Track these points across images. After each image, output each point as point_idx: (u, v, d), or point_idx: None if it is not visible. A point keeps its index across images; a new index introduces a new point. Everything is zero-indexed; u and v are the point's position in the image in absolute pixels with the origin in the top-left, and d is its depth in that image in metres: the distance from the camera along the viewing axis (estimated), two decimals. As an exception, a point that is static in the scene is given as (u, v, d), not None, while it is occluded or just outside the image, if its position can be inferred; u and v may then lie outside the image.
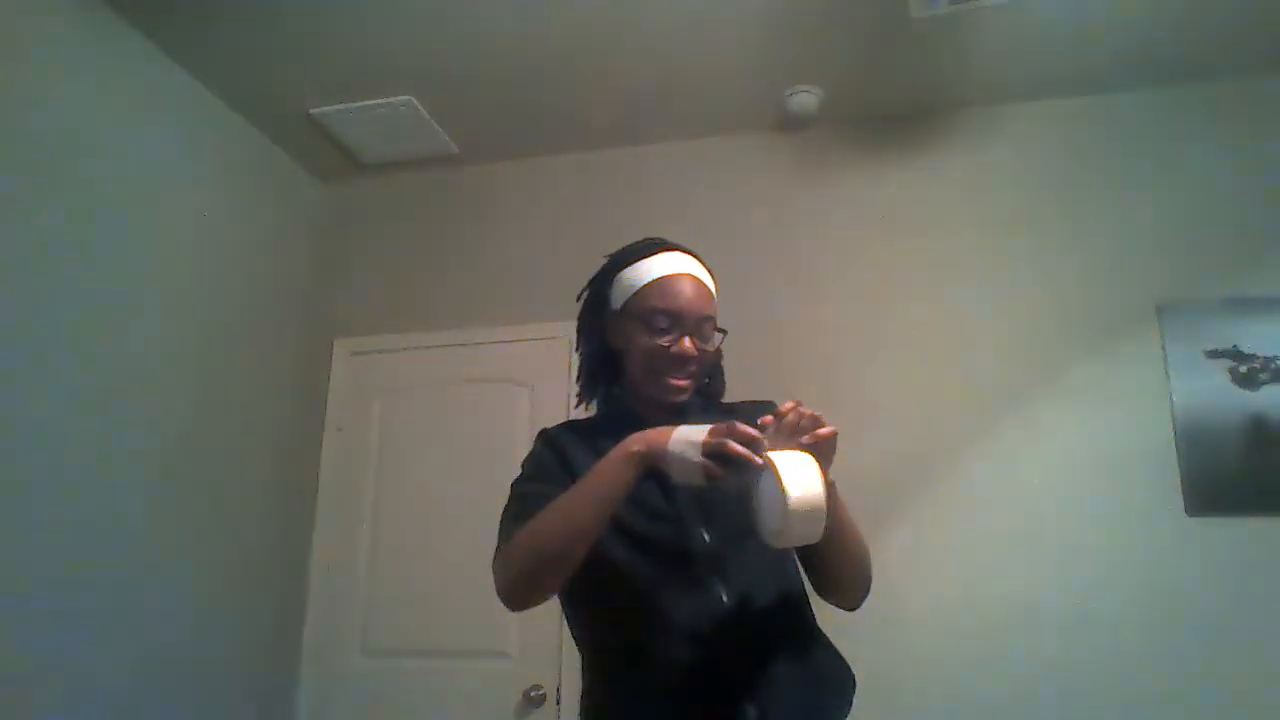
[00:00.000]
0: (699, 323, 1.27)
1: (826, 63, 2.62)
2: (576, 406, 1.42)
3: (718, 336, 1.32)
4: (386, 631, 2.81)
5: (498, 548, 1.19)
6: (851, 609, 1.29)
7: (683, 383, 1.27)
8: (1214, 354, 2.44)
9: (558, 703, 2.59)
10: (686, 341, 1.25)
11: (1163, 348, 2.48)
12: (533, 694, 2.60)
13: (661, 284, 1.27)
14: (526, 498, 1.22)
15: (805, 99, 2.75)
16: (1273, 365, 2.39)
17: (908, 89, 2.75)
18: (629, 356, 1.31)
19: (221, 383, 2.72)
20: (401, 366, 3.05)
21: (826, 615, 1.29)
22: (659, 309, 1.26)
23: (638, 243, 1.36)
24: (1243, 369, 2.41)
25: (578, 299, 1.41)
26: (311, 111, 2.84)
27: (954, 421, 2.57)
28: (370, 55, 2.58)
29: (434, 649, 2.75)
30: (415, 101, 2.78)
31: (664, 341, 1.25)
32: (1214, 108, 2.65)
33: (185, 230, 2.63)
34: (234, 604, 2.70)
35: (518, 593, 1.13)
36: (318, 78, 2.69)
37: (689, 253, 1.35)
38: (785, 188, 2.91)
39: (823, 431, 1.05)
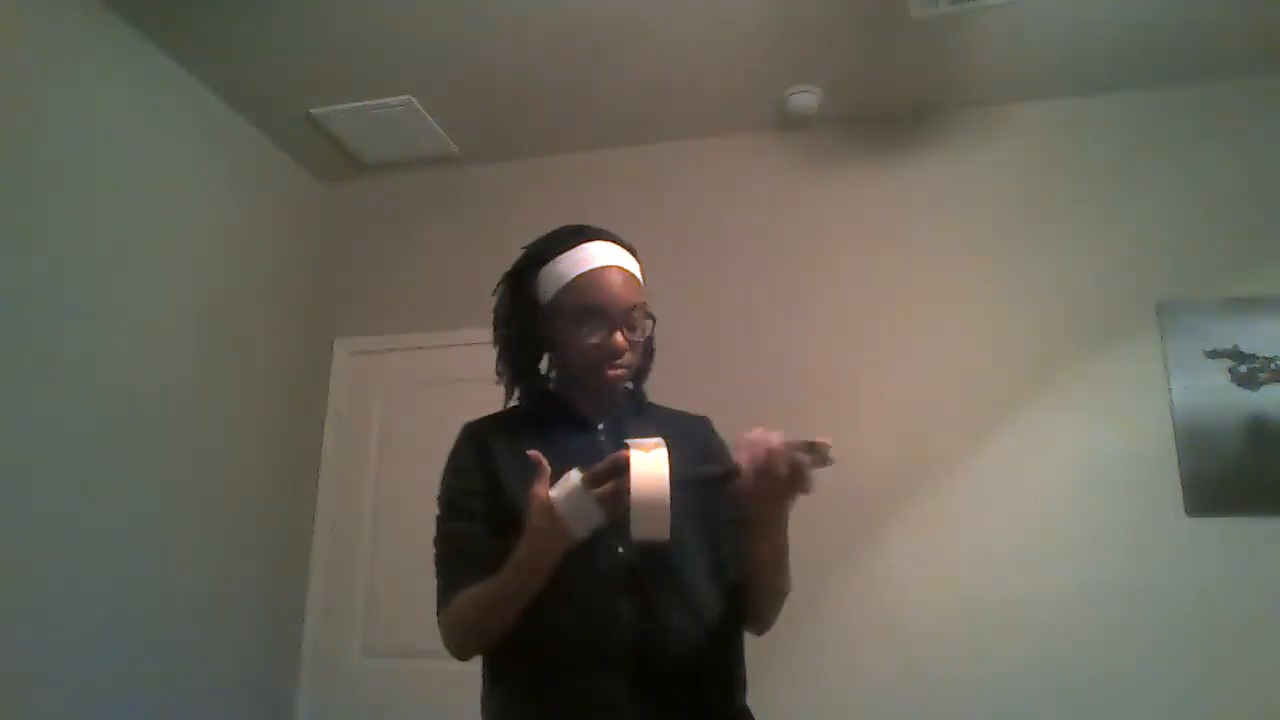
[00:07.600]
0: (629, 313, 1.24)
1: (826, 63, 2.62)
2: (506, 402, 1.39)
3: (649, 323, 1.30)
4: (386, 631, 2.81)
5: (439, 601, 1.26)
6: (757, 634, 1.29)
7: (619, 372, 1.26)
8: (1214, 354, 2.44)
9: (558, 703, 2.59)
10: (619, 336, 1.23)
11: (1163, 348, 2.48)
12: (533, 694, 2.59)
13: (589, 277, 1.25)
14: (452, 543, 1.25)
15: (805, 99, 2.75)
16: (1273, 365, 2.39)
17: (908, 89, 2.75)
18: (562, 352, 1.30)
19: (222, 382, 2.72)
20: (401, 366, 3.05)
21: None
22: (589, 304, 1.23)
23: (559, 232, 1.34)
24: (1243, 369, 2.41)
25: (493, 293, 1.40)
26: (311, 111, 2.84)
27: (954, 421, 2.57)
28: (370, 55, 2.58)
29: (434, 649, 2.70)
30: (415, 101, 2.78)
31: (596, 339, 1.23)
32: (1214, 108, 2.65)
33: (185, 230, 2.63)
34: (234, 604, 2.70)
35: (462, 655, 1.32)
36: (318, 78, 2.69)
37: (613, 239, 1.32)
38: (785, 188, 2.92)
39: (799, 460, 1.03)
